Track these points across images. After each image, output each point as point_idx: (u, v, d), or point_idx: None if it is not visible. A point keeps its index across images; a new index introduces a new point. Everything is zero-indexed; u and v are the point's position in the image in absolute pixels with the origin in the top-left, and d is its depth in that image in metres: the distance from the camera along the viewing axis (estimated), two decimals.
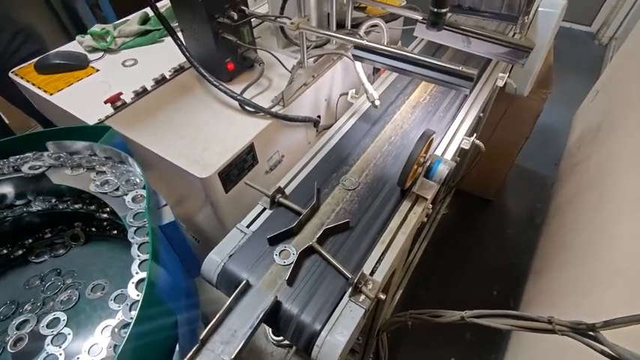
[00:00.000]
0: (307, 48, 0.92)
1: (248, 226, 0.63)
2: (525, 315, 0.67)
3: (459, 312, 0.74)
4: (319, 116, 0.94)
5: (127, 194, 0.62)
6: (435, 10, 0.65)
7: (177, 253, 0.62)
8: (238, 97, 0.76)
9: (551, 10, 1.14)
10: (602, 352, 0.50)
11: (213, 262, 0.58)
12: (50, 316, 0.65)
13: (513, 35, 1.04)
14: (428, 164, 0.63)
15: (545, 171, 2.01)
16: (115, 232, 0.78)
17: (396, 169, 0.70)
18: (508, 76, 0.99)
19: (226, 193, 0.74)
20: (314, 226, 0.62)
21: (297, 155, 0.75)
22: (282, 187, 0.67)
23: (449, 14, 1.13)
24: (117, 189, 0.63)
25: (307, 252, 0.58)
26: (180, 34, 0.84)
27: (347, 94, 0.86)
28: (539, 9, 1.14)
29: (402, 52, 0.64)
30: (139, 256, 0.52)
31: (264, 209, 0.65)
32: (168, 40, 0.83)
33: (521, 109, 1.41)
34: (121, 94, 0.82)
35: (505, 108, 1.30)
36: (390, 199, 0.66)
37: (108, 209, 0.73)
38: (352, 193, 0.67)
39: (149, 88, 0.86)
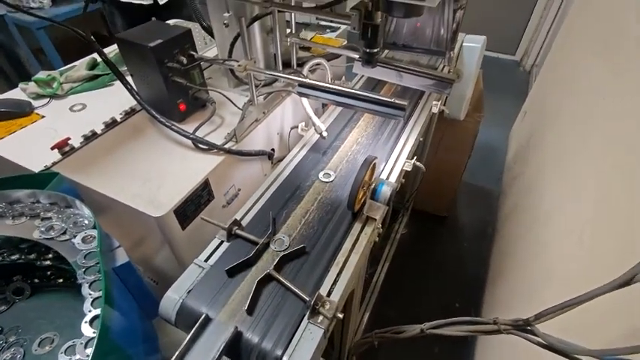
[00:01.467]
0: (257, 86, 0.97)
1: (206, 260, 0.64)
2: (474, 319, 0.73)
3: (419, 325, 0.78)
4: (273, 149, 0.98)
5: (75, 236, 0.61)
6: (368, 50, 0.73)
7: (133, 295, 0.61)
8: (191, 136, 0.78)
9: (474, 45, 1.30)
10: (538, 344, 0.56)
11: (171, 299, 0.58)
12: None
13: (443, 67, 1.17)
14: (373, 187, 0.68)
15: (491, 185, 2.18)
16: (61, 280, 0.74)
17: (346, 193, 0.75)
18: (443, 104, 1.10)
19: (183, 230, 0.74)
20: (271, 254, 0.64)
21: (254, 187, 0.78)
22: (238, 219, 0.69)
23: (386, 51, 1.25)
24: (64, 232, 0.62)
25: (265, 280, 0.60)
26: (130, 79, 0.86)
27: (297, 127, 0.91)
28: (464, 44, 1.30)
29: (341, 88, 0.71)
30: (90, 294, 0.51)
31: (222, 242, 0.67)
32: (119, 83, 0.85)
33: (460, 132, 1.55)
34: (68, 139, 0.81)
35: (443, 131, 1.42)
36: (342, 223, 0.70)
37: (50, 256, 0.70)
38: (306, 219, 0.71)
39: (99, 132, 0.86)
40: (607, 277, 0.46)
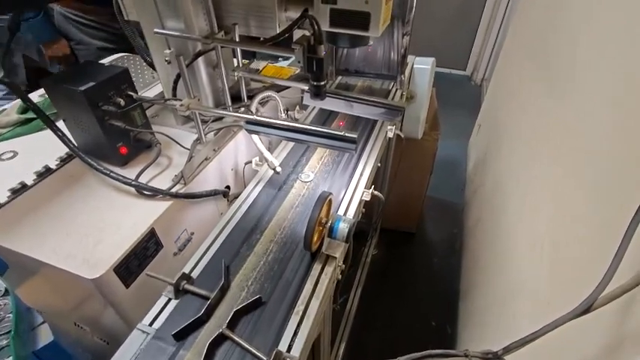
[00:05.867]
0: (206, 122, 0.93)
1: (151, 324, 0.58)
2: (446, 352, 0.70)
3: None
4: (228, 186, 0.94)
5: None
6: (315, 83, 0.71)
7: None
8: (133, 183, 0.73)
9: (424, 67, 1.33)
10: None
11: None
12: None
13: (396, 91, 1.19)
14: (330, 224, 0.65)
15: (455, 199, 2.22)
16: None
17: (303, 232, 0.71)
18: (399, 129, 1.11)
19: (127, 287, 0.67)
20: (224, 310, 0.59)
21: (210, 228, 0.73)
22: (187, 272, 0.63)
23: (339, 77, 1.26)
24: None
25: (219, 340, 0.55)
26: (63, 123, 0.79)
27: (251, 162, 0.88)
28: (415, 66, 1.33)
29: (290, 124, 0.68)
30: None
31: (170, 300, 0.61)
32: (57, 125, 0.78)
33: (420, 151, 1.58)
34: None
35: (402, 151, 1.44)
36: (301, 264, 0.67)
37: None
38: (263, 264, 0.66)
39: (30, 183, 0.78)
40: (568, 289, 0.45)
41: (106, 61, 1.37)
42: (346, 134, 0.65)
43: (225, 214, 0.77)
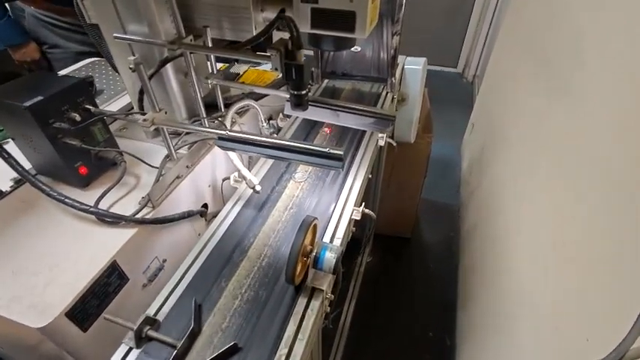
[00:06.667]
0: (179, 134, 0.85)
1: None
2: None
3: None
4: (205, 204, 0.86)
5: None
6: (296, 92, 0.64)
7: None
8: (91, 210, 0.64)
9: (415, 67, 1.26)
10: None
11: None
12: None
13: (386, 94, 1.11)
14: (314, 254, 0.58)
15: (450, 200, 2.16)
16: None
17: (286, 259, 0.64)
18: (390, 136, 1.03)
19: (85, 332, 0.59)
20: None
21: (186, 252, 0.65)
22: (152, 314, 0.55)
23: (326, 80, 1.18)
24: None
25: None
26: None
27: (229, 178, 0.80)
28: (405, 67, 1.25)
29: (268, 140, 0.60)
30: None
31: (131, 349, 0.53)
32: (13, 144, 0.70)
33: (413, 154, 1.51)
34: None
35: (395, 156, 1.37)
36: (283, 299, 0.59)
37: None
38: (240, 300, 0.58)
39: None
40: (573, 303, 0.38)
41: (76, 67, 1.27)
42: (331, 151, 0.58)
43: (201, 237, 0.69)
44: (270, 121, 0.95)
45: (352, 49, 1.08)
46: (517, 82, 1.45)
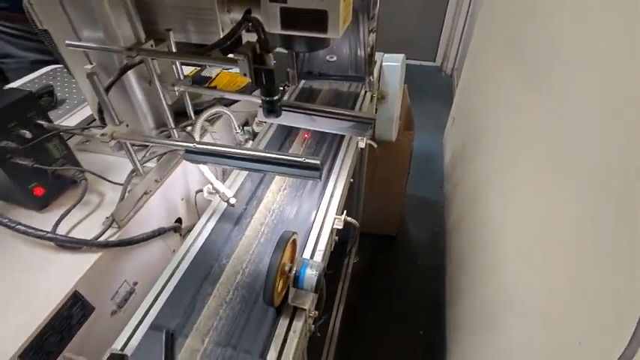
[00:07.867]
0: (147, 146, 0.80)
1: None
2: None
3: None
4: (179, 219, 0.81)
5: None
6: (267, 98, 0.59)
7: None
8: (47, 235, 0.58)
9: (394, 64, 1.23)
10: None
11: None
12: None
13: (365, 93, 1.08)
14: (294, 272, 0.54)
15: (434, 196, 2.16)
16: None
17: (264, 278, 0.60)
18: (370, 137, 1.00)
19: None
20: None
21: (159, 271, 0.61)
22: (117, 349, 0.51)
23: (303, 81, 1.14)
24: None
25: None
26: None
27: (202, 190, 0.75)
28: (384, 64, 1.22)
29: (240, 152, 0.56)
30: None
31: None
32: None
33: (395, 152, 1.49)
34: None
35: (377, 156, 1.34)
36: (263, 322, 0.55)
37: None
38: (215, 327, 0.54)
39: None
40: (564, 298, 0.36)
41: (33, 76, 1.19)
42: (307, 160, 0.54)
43: (174, 256, 0.65)
44: (245, 127, 0.90)
45: (327, 57, 1.04)
46: (496, 74, 1.44)
